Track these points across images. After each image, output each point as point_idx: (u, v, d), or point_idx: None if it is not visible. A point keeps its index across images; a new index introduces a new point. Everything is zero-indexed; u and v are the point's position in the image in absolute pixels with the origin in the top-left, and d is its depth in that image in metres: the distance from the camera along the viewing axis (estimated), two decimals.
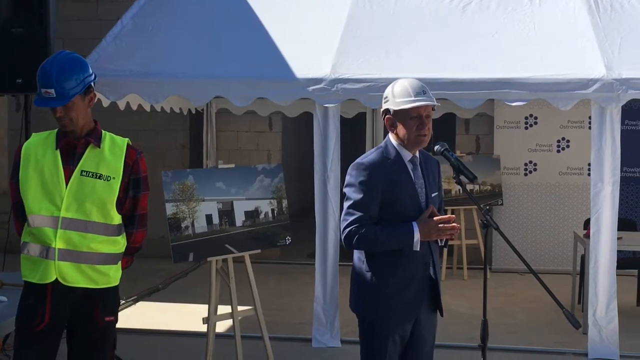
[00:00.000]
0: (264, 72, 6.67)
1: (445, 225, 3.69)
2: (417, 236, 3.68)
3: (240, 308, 5.80)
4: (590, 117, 6.51)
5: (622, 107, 6.35)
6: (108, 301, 3.79)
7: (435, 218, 3.71)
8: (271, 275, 9.49)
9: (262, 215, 5.85)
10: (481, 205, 3.77)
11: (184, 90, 6.79)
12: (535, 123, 9.90)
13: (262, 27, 7.13)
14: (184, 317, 7.59)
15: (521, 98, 6.35)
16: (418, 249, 3.71)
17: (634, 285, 8.07)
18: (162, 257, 7.29)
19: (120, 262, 3.85)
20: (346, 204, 3.77)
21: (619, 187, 6.35)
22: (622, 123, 6.63)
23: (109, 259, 3.77)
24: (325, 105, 6.52)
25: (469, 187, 7.53)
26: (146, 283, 8.83)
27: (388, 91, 3.82)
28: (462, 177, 3.77)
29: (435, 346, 4.06)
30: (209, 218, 5.57)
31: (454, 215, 3.74)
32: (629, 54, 6.47)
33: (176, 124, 10.65)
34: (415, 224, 3.69)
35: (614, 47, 6.53)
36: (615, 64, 6.34)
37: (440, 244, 3.89)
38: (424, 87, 3.77)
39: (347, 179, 3.80)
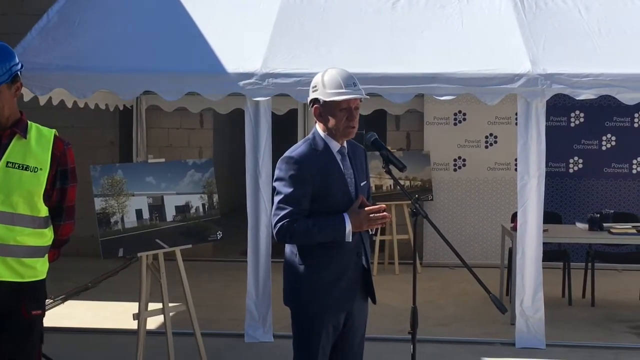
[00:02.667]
0: (194, 67, 6.62)
1: (375, 215, 3.71)
2: (348, 227, 3.69)
3: (171, 304, 5.75)
4: (516, 114, 6.64)
5: (547, 103, 6.50)
6: (35, 295, 3.71)
7: (366, 208, 3.73)
8: (204, 272, 9.43)
9: (192, 210, 5.81)
10: (411, 195, 3.80)
11: (112, 84, 6.67)
12: (464, 119, 10.07)
13: (191, 22, 7.08)
14: (114, 315, 7.49)
15: (449, 93, 6.44)
16: (350, 240, 3.73)
17: (560, 277, 8.27)
18: (92, 255, 7.17)
19: (47, 255, 3.78)
20: (277, 199, 3.74)
21: (544, 180, 6.50)
22: (548, 119, 6.80)
23: (35, 251, 3.69)
24: (256, 99, 6.51)
25: (400, 182, 7.57)
26: (75, 282, 8.69)
27: (317, 80, 3.81)
28: (392, 167, 3.80)
29: (366, 339, 4.09)
30: (139, 213, 5.50)
31: (384, 205, 3.77)
32: (553, 50, 6.63)
33: (105, 120, 10.49)
34: (346, 216, 3.70)
35: (538, 44, 6.68)
36: (540, 59, 6.49)
37: (370, 233, 3.92)
38: (354, 78, 3.79)
39: (277, 173, 3.77)
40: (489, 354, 6.40)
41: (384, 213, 3.72)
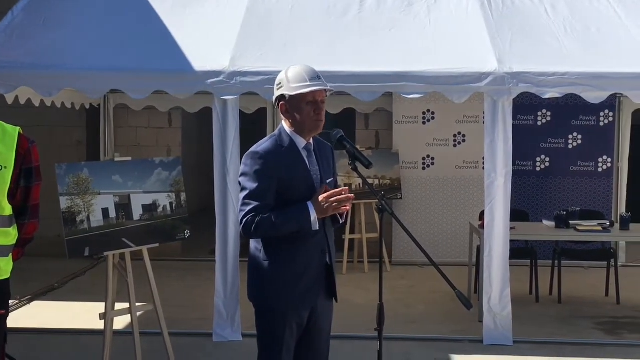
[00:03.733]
0: (161, 65, 6.56)
1: (339, 197, 3.70)
2: (313, 215, 3.68)
3: (139, 304, 5.71)
4: (484, 112, 6.68)
5: (514, 102, 6.55)
6: None
7: (328, 192, 3.71)
8: (172, 272, 9.37)
9: (160, 209, 5.77)
10: (377, 191, 3.81)
11: (78, 83, 6.61)
12: (433, 118, 10.10)
13: (159, 20, 7.03)
14: (81, 315, 7.43)
15: (417, 91, 6.45)
16: (317, 228, 3.71)
17: (527, 274, 8.34)
18: (58, 256, 7.07)
19: (11, 254, 3.74)
20: (242, 194, 3.74)
21: (511, 178, 6.55)
22: (515, 118, 6.83)
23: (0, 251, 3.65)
24: (224, 97, 6.49)
25: (369, 181, 7.60)
26: (41, 283, 8.60)
27: (281, 77, 3.81)
28: (358, 164, 3.81)
29: (335, 337, 4.10)
30: (105, 212, 5.45)
31: (346, 188, 3.77)
32: (520, 48, 6.68)
33: (72, 120, 10.39)
34: (310, 204, 3.70)
35: (505, 42, 6.73)
36: (506, 58, 6.53)
37: (341, 221, 3.91)
38: (317, 72, 3.80)
39: (242, 168, 3.77)
40: (457, 351, 6.43)
41: (348, 195, 3.70)
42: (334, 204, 3.69)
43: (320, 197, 3.70)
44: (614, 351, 6.49)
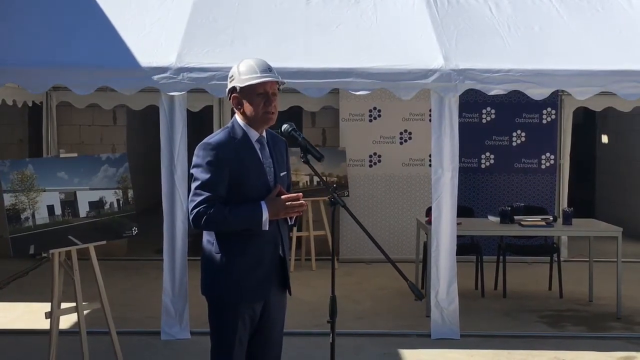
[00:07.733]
0: (106, 61, 6.48)
1: (293, 202, 3.72)
2: (265, 215, 3.69)
3: (85, 303, 5.62)
4: (430, 110, 6.74)
5: (460, 100, 6.63)
6: None
7: (283, 196, 3.73)
8: (118, 271, 9.25)
9: (107, 206, 5.69)
10: (328, 184, 3.82)
11: (19, 78, 6.50)
12: (379, 116, 10.16)
13: (104, 15, 6.94)
14: (25, 315, 7.30)
15: (364, 87, 6.50)
16: (267, 229, 3.72)
17: (473, 270, 8.43)
18: (2, 257, 6.95)
19: None
20: (194, 185, 3.72)
21: (457, 174, 6.62)
22: (460, 115, 6.90)
23: None
24: (171, 93, 6.42)
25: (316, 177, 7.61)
26: None
27: (234, 70, 3.81)
28: (310, 157, 3.81)
29: (284, 333, 4.07)
30: (50, 209, 5.35)
31: (301, 194, 3.78)
32: (465, 46, 6.77)
33: (13, 117, 10.21)
34: (263, 203, 3.70)
35: (451, 40, 6.81)
36: (452, 55, 6.61)
37: (290, 223, 3.92)
38: (269, 64, 3.80)
39: (194, 159, 3.76)
40: (405, 346, 6.47)
41: (301, 201, 3.73)
42: (288, 209, 3.71)
43: (284, 196, 3.69)
44: (558, 343, 6.61)
